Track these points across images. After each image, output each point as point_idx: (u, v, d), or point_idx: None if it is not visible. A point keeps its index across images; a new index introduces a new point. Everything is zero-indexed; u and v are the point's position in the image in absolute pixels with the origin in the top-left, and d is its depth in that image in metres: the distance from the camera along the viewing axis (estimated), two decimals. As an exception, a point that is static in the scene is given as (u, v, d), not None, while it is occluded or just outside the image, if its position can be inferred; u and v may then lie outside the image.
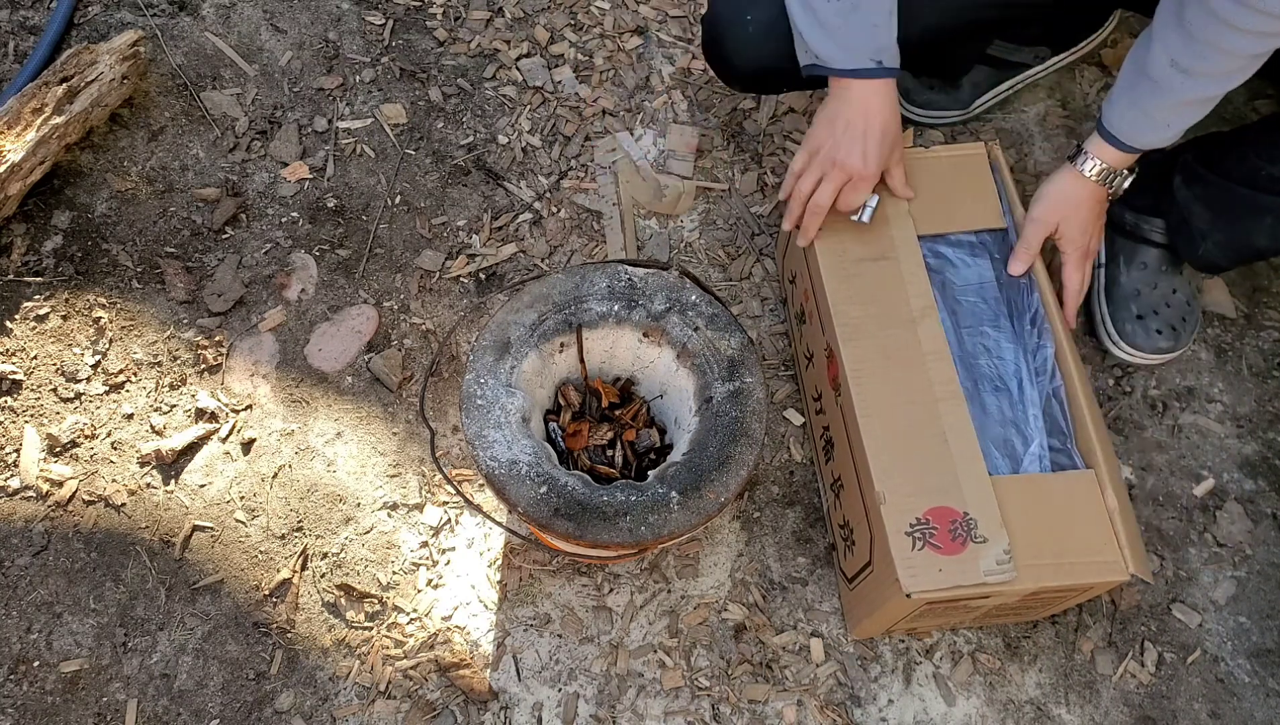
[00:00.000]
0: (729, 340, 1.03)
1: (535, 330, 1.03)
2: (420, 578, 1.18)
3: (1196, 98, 1.00)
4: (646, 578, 1.19)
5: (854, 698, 1.13)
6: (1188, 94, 1.00)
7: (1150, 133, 1.05)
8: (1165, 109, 1.02)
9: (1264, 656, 1.18)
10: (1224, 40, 0.93)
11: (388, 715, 1.11)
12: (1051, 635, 1.17)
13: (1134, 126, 1.05)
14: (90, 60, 1.34)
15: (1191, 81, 0.98)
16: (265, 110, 1.45)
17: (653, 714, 1.12)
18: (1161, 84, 1.00)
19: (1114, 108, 1.06)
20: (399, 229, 1.38)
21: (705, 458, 0.97)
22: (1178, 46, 0.97)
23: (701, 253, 1.38)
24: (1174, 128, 1.04)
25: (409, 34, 1.53)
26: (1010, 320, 1.09)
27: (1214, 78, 0.98)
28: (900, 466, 1.00)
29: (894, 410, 1.03)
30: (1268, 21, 0.90)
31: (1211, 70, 0.97)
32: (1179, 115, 1.02)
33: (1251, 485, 1.26)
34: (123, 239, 1.35)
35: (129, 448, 1.23)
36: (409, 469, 1.24)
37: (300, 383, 1.28)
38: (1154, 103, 1.02)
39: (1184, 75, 0.98)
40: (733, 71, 1.25)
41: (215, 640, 1.13)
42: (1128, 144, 1.06)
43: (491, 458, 0.96)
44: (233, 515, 1.20)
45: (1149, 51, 1.00)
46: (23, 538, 1.17)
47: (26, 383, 1.25)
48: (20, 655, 1.12)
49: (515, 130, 1.46)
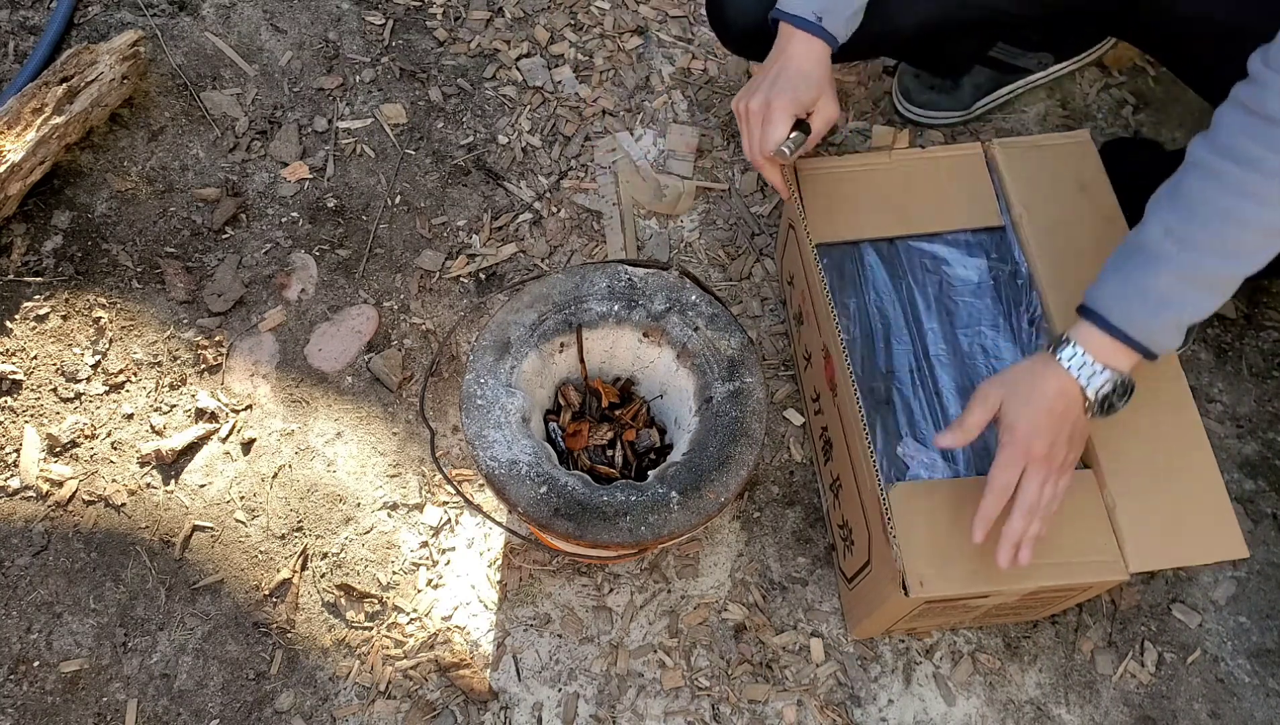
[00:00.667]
0: (729, 340, 1.03)
1: (535, 330, 1.03)
2: (420, 578, 1.18)
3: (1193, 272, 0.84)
4: (646, 578, 1.19)
5: (854, 698, 1.13)
6: (1182, 264, 0.84)
7: (1141, 312, 0.86)
8: (1156, 278, 0.85)
9: (1264, 656, 1.18)
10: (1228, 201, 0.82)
11: (388, 715, 1.11)
12: (1051, 635, 1.17)
13: (1123, 299, 0.87)
14: (90, 60, 1.34)
15: (1186, 249, 0.84)
16: (265, 110, 1.45)
17: (653, 714, 1.12)
18: (1151, 251, 0.86)
19: (1101, 281, 0.89)
20: (399, 229, 1.38)
21: (705, 458, 0.97)
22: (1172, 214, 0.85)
23: (701, 253, 1.38)
24: (1173, 310, 0.85)
25: (409, 34, 1.53)
26: (1009, 320, 1.09)
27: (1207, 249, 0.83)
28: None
29: None
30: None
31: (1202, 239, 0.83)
32: (1175, 293, 0.85)
33: (1251, 485, 1.26)
34: (123, 239, 1.35)
35: (129, 448, 1.23)
36: (409, 469, 1.24)
37: (300, 383, 1.28)
38: (1143, 274, 0.86)
39: (1179, 244, 0.84)
40: (729, 30, 1.24)
41: (215, 640, 1.13)
42: (1117, 326, 0.87)
43: (491, 458, 0.96)
44: (233, 515, 1.20)
45: (1143, 223, 0.88)
46: (23, 538, 1.17)
47: (26, 383, 1.25)
48: (20, 655, 1.12)
49: (515, 130, 1.46)
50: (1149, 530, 0.97)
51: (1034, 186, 1.13)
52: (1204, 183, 0.84)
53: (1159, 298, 0.85)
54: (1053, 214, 1.12)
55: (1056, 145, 1.16)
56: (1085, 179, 1.13)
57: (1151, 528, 0.97)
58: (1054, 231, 1.11)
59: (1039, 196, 1.13)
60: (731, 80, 1.51)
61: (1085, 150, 1.15)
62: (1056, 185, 1.13)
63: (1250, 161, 0.81)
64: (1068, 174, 1.14)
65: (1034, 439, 0.88)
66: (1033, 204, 1.12)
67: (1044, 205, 1.12)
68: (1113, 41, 1.49)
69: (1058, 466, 0.89)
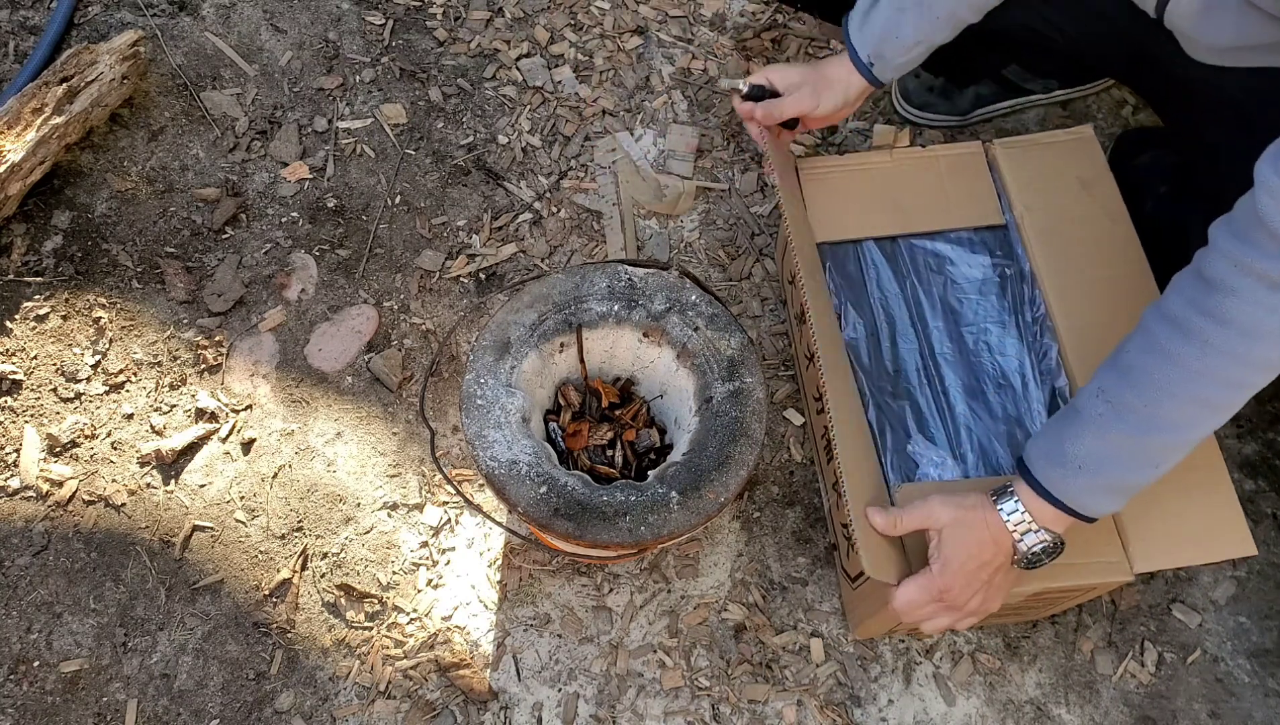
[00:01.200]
0: (729, 340, 1.03)
1: (535, 330, 1.03)
2: (420, 578, 1.18)
3: (1119, 437, 0.81)
4: (646, 578, 1.19)
5: (854, 698, 1.13)
6: (1107, 428, 0.82)
7: (1058, 472, 0.84)
8: (1078, 441, 0.83)
9: (1264, 656, 1.18)
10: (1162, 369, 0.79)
11: (388, 715, 1.10)
12: (1051, 635, 1.17)
13: (1046, 458, 0.85)
14: (90, 60, 1.34)
15: (1114, 415, 0.81)
16: (265, 110, 1.45)
17: (653, 714, 1.12)
18: (1082, 413, 0.84)
19: (1036, 437, 0.89)
20: (399, 229, 1.38)
21: (705, 458, 0.97)
22: (1109, 375, 0.84)
23: (701, 253, 1.38)
24: (1091, 474, 0.83)
25: (409, 34, 1.53)
26: (1014, 318, 1.09)
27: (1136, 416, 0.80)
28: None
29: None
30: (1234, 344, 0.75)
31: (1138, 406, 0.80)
32: (1096, 457, 0.82)
33: (1251, 485, 1.26)
34: (123, 239, 1.35)
35: (129, 448, 1.23)
36: (409, 469, 1.24)
37: (300, 383, 1.28)
38: (1069, 434, 0.84)
39: (1109, 407, 0.82)
40: None
41: (215, 640, 1.13)
42: (1038, 479, 0.86)
43: (491, 458, 0.96)
44: (233, 515, 1.20)
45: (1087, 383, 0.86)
46: (23, 538, 1.17)
47: (26, 383, 1.25)
48: (20, 655, 1.11)
49: (515, 130, 1.46)
50: (1155, 529, 0.97)
51: (1035, 185, 1.13)
52: (1142, 348, 0.82)
53: (1079, 461, 0.83)
54: (1054, 212, 1.12)
55: (1058, 142, 1.16)
56: (1087, 175, 1.13)
57: (1157, 527, 0.97)
58: (1055, 229, 1.11)
59: (1040, 194, 1.13)
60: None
61: (1087, 147, 1.15)
62: (1058, 183, 1.13)
63: (1189, 331, 0.78)
64: (1069, 171, 1.14)
65: (957, 586, 0.89)
66: (1033, 202, 1.12)
67: (1045, 203, 1.12)
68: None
69: (967, 614, 0.91)
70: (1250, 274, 0.75)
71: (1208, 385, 0.78)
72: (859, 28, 1.08)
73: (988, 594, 0.90)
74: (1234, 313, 0.76)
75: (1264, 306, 0.75)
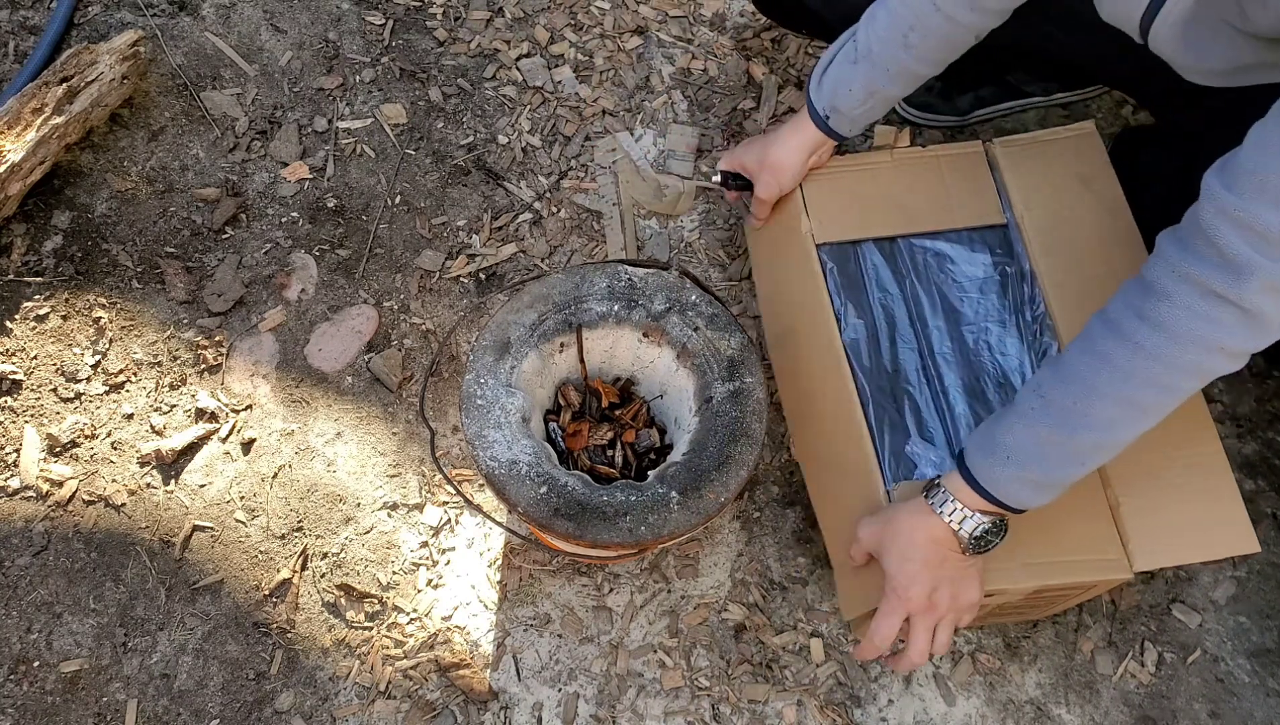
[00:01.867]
0: (729, 340, 1.03)
1: (535, 330, 1.03)
2: (420, 578, 1.18)
3: (1047, 432, 0.83)
4: (646, 578, 1.19)
5: (854, 698, 1.13)
6: (1037, 422, 0.83)
7: (986, 461, 0.86)
8: (1010, 432, 0.85)
9: (1264, 656, 1.18)
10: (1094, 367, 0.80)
11: (388, 715, 1.11)
12: (1051, 635, 1.17)
13: (979, 447, 0.87)
14: (90, 60, 1.34)
15: (1045, 409, 0.83)
16: (265, 110, 1.45)
17: (653, 714, 1.12)
18: (1017, 406, 0.86)
19: (976, 430, 0.91)
20: (399, 229, 1.38)
21: (705, 458, 0.97)
22: (1047, 372, 0.85)
23: (701, 253, 1.38)
24: (1017, 466, 0.84)
25: (409, 34, 1.53)
26: (1015, 317, 1.09)
27: (1066, 412, 0.82)
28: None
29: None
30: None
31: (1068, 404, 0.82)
32: (1024, 449, 0.84)
33: (1251, 485, 1.26)
34: (123, 239, 1.35)
35: (129, 448, 1.23)
36: (409, 469, 1.24)
37: (300, 383, 1.28)
38: (1001, 425, 0.86)
39: (1042, 402, 0.84)
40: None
41: (215, 640, 1.13)
42: (968, 467, 0.87)
43: (491, 458, 0.96)
44: (233, 515, 1.20)
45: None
46: (23, 538, 1.17)
47: (26, 383, 1.25)
48: (20, 655, 1.11)
49: (515, 130, 1.46)
50: (1155, 527, 0.96)
51: (1035, 183, 1.13)
52: (1080, 348, 0.83)
53: (1005, 451, 0.85)
54: (1055, 209, 1.11)
55: (1059, 139, 1.15)
56: (1088, 172, 1.13)
57: (1158, 524, 0.97)
58: (1056, 227, 1.11)
59: (1040, 193, 1.13)
60: (731, 80, 1.51)
61: (1089, 142, 1.15)
62: (1058, 180, 1.13)
63: (1123, 333, 0.79)
64: (1070, 168, 1.13)
65: (911, 587, 0.89)
66: (1034, 201, 1.12)
67: (1045, 201, 1.12)
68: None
69: (944, 612, 0.90)
70: (1186, 281, 0.76)
71: (1137, 387, 0.79)
72: (817, 83, 1.10)
73: (955, 588, 0.90)
74: (1166, 317, 0.77)
75: (1196, 313, 0.76)
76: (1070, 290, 1.08)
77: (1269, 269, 0.72)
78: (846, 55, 1.07)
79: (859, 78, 1.06)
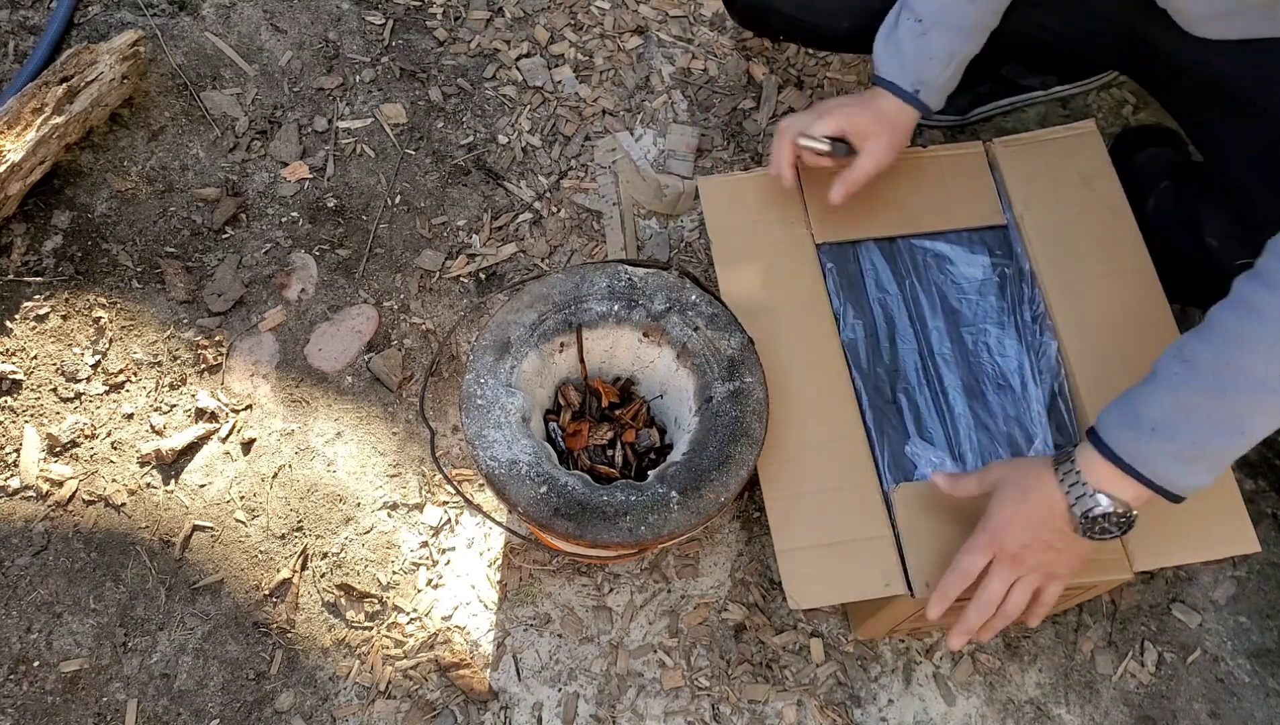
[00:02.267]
0: (729, 340, 1.03)
1: (535, 330, 1.03)
2: (420, 578, 1.18)
3: (1195, 396, 0.78)
4: (646, 578, 1.19)
5: (854, 698, 1.13)
6: (1181, 386, 0.78)
7: (1130, 434, 0.80)
8: (1153, 402, 0.80)
9: (1264, 656, 1.18)
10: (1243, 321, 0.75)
11: (388, 715, 1.11)
12: (1051, 635, 1.17)
13: (1118, 421, 0.82)
14: (90, 60, 1.34)
15: (1190, 373, 0.77)
16: (265, 110, 1.45)
17: (653, 714, 1.12)
18: (1158, 373, 0.81)
19: (1112, 404, 0.84)
20: (399, 229, 1.38)
21: (705, 458, 0.97)
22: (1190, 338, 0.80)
23: (701, 253, 1.38)
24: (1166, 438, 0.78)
25: (409, 34, 1.53)
26: (1013, 317, 1.09)
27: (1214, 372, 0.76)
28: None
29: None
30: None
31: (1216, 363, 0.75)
32: (1171, 419, 0.78)
33: (1251, 485, 1.26)
34: (123, 239, 1.35)
35: (129, 448, 1.23)
36: (409, 469, 1.24)
37: (300, 383, 1.28)
38: (1143, 395, 0.81)
39: (1185, 365, 0.78)
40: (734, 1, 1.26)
41: (215, 640, 1.13)
42: (1108, 443, 0.82)
43: (491, 458, 0.96)
44: (233, 515, 1.20)
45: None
46: (23, 538, 1.17)
47: (26, 383, 1.25)
48: (20, 655, 1.12)
49: (515, 130, 1.46)
50: (1155, 526, 0.96)
51: (1035, 182, 1.13)
52: (1225, 306, 0.78)
53: (1152, 422, 0.79)
54: (1055, 210, 1.11)
55: (1059, 138, 1.15)
56: (1089, 171, 1.13)
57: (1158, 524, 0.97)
58: (1056, 228, 1.11)
59: (1041, 192, 1.13)
60: (731, 80, 1.51)
61: (1090, 141, 1.14)
62: (1059, 179, 1.13)
63: (1271, 282, 0.74)
64: (1071, 167, 1.13)
65: (1005, 534, 0.86)
66: (1034, 201, 1.12)
67: (1046, 201, 1.12)
68: (1114, 75, 1.49)
69: (1029, 569, 0.86)
70: None
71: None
72: (896, 64, 1.04)
73: (1050, 553, 0.85)
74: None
75: None
76: (1071, 289, 1.08)
77: None
78: (911, 31, 1.03)
79: (936, 45, 1.03)
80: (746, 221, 1.13)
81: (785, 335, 1.07)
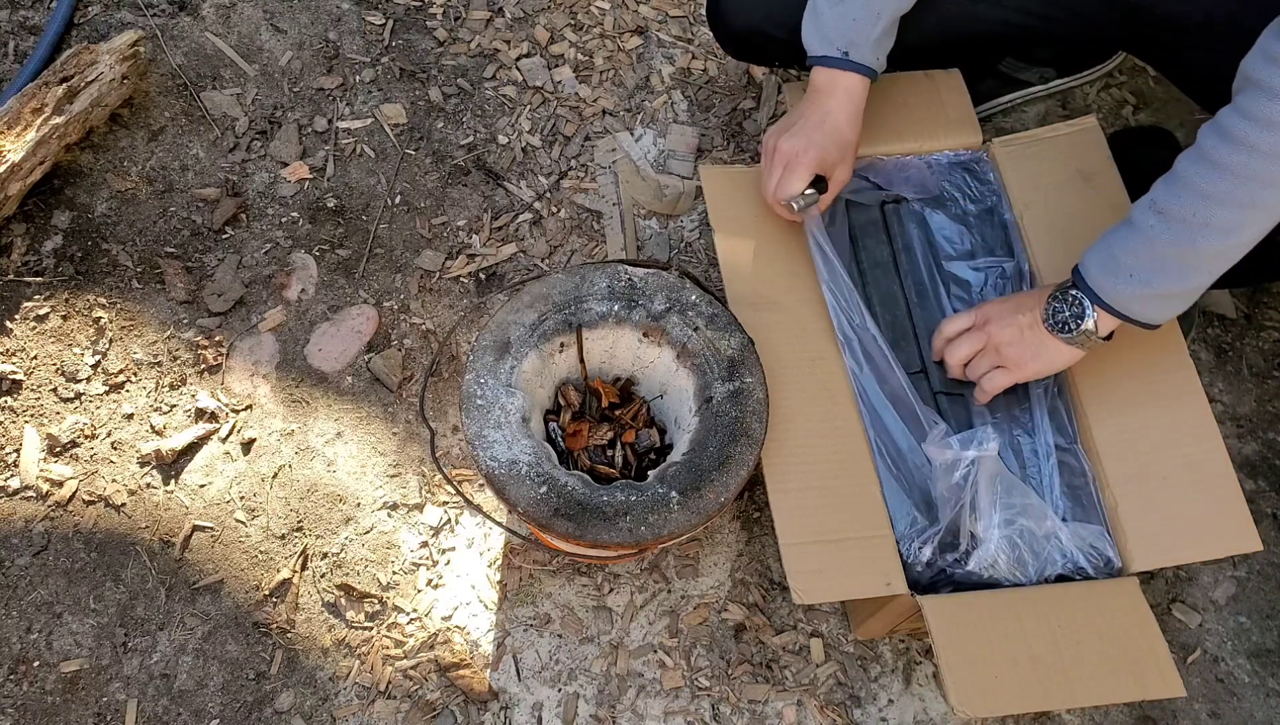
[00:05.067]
0: (729, 340, 1.03)
1: (535, 330, 1.03)
2: (420, 578, 1.18)
3: (1169, 247, 0.86)
4: (646, 578, 1.19)
5: (854, 698, 1.13)
6: (1157, 237, 0.87)
7: (1111, 280, 0.90)
8: (1130, 251, 0.89)
9: (1264, 656, 1.18)
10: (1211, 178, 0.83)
11: (388, 715, 1.11)
12: (1052, 635, 1.17)
13: (1100, 267, 0.92)
14: (90, 60, 1.34)
15: (1164, 225, 0.86)
16: (265, 110, 1.45)
17: (653, 714, 1.12)
18: (1135, 223, 0.89)
19: (1091, 247, 0.94)
20: (399, 229, 1.38)
21: (705, 458, 0.97)
22: (1161, 188, 0.88)
23: (701, 253, 1.38)
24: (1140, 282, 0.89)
25: (409, 34, 1.53)
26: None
27: (1185, 224, 0.85)
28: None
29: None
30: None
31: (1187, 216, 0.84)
32: (1148, 266, 0.88)
33: (1251, 485, 1.26)
34: (123, 239, 1.35)
35: (129, 448, 1.23)
36: (409, 469, 1.24)
37: (300, 383, 1.28)
38: (1120, 242, 0.90)
39: (1159, 217, 0.87)
40: (725, 29, 1.25)
41: (215, 640, 1.13)
42: (1093, 288, 0.92)
43: (491, 458, 0.96)
44: (233, 515, 1.20)
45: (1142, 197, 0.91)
46: (23, 538, 1.17)
47: (26, 383, 1.25)
48: (20, 655, 1.12)
49: (515, 130, 1.46)
50: (1155, 527, 0.96)
51: (1035, 181, 1.13)
52: (1192, 160, 0.85)
53: (1130, 269, 0.88)
54: (1055, 207, 1.11)
55: (1059, 136, 1.15)
56: (1090, 167, 1.12)
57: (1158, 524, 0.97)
58: (1056, 225, 1.10)
59: (1040, 191, 1.12)
60: (731, 80, 1.51)
61: (1090, 137, 1.14)
62: (1059, 177, 1.13)
63: (1234, 138, 0.81)
64: (1071, 164, 1.13)
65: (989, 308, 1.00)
66: (1033, 199, 1.12)
67: (1046, 199, 1.12)
68: (1114, 64, 1.49)
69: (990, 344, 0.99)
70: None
71: (1257, 188, 0.81)
72: (819, 36, 1.06)
73: (1016, 333, 0.97)
74: (1277, 114, 0.77)
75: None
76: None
77: None
78: (828, 1, 1.05)
79: (857, 6, 1.03)
80: (747, 211, 1.13)
81: (787, 325, 1.07)
